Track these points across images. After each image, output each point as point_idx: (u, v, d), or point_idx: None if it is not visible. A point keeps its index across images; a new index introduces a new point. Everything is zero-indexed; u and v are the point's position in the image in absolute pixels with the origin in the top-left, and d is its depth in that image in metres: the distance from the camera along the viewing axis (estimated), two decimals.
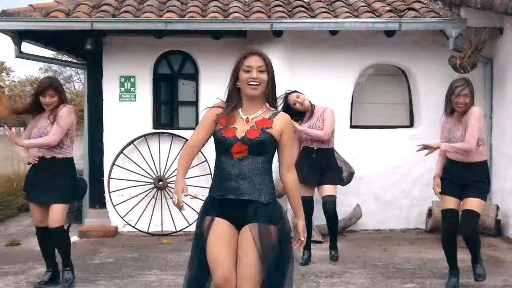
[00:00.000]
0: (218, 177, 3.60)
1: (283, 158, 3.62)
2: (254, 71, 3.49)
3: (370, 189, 8.62)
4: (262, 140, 3.48)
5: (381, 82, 8.99)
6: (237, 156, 3.49)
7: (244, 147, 3.48)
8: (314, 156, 6.68)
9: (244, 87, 3.53)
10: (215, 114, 3.60)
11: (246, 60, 3.55)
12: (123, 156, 8.66)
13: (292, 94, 6.70)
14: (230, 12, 8.28)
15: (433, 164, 8.29)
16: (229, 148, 3.49)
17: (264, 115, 3.55)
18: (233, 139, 3.49)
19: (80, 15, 8.11)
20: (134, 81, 8.70)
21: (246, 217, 3.49)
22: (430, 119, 8.47)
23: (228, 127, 3.52)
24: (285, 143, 3.59)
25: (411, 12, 8.26)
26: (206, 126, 3.61)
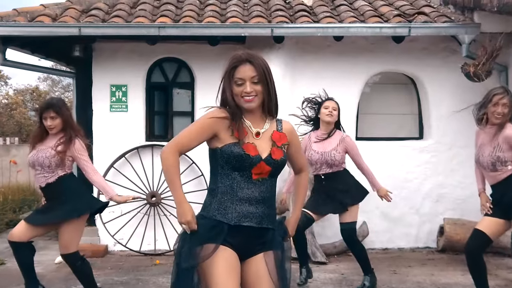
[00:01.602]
0: (229, 198, 3.12)
1: (297, 160, 3.46)
2: (247, 83, 3.11)
3: (377, 206, 7.90)
4: (284, 160, 3.23)
5: (388, 91, 8.65)
6: (256, 177, 3.12)
7: (267, 168, 3.13)
8: (323, 183, 6.11)
9: (239, 101, 3.15)
10: (222, 122, 3.11)
11: (237, 71, 3.13)
12: (114, 170, 8.24)
13: (331, 102, 6.11)
14: (228, 16, 7.86)
15: (443, 178, 8.33)
16: (250, 167, 3.10)
17: (272, 127, 3.24)
18: (256, 158, 3.10)
19: (68, 20, 7.69)
20: (125, 90, 8.31)
21: (257, 246, 3.18)
22: (441, 131, 8.24)
23: (245, 142, 3.10)
24: (296, 149, 3.39)
25: (421, 17, 7.85)
26: (204, 133, 3.13)
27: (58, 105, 5.27)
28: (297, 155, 3.43)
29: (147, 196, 8.18)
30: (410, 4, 8.45)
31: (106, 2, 8.38)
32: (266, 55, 7.66)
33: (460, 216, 7.99)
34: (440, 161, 8.25)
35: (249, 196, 3.11)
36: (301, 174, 3.52)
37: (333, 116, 6.04)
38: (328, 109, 6.04)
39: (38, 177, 5.33)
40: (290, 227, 3.45)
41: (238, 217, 3.09)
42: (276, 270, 3.16)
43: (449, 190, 8.23)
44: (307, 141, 6.14)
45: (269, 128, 3.22)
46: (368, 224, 8.00)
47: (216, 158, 3.15)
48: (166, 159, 3.10)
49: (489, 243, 5.08)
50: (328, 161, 5.99)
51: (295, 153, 3.38)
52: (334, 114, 6.04)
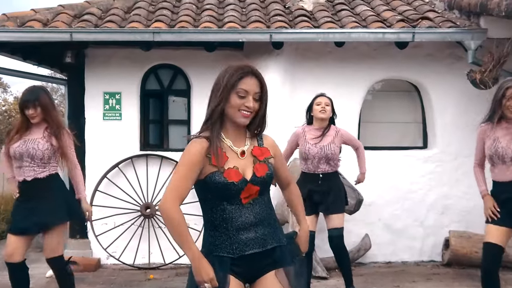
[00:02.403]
0: (224, 231, 2.88)
1: (282, 174, 3.26)
2: (250, 98, 2.90)
3: (380, 217, 8.02)
4: (271, 174, 3.01)
5: (391, 98, 8.44)
6: (247, 201, 2.90)
7: (255, 188, 2.91)
8: (320, 183, 5.88)
9: (234, 113, 2.91)
10: (204, 151, 2.85)
11: (242, 82, 2.88)
12: (107, 180, 7.98)
13: (323, 98, 5.96)
14: (225, 21, 7.60)
15: (449, 189, 8.09)
16: (237, 193, 2.87)
17: (252, 143, 3.02)
18: (241, 182, 2.87)
19: (59, 25, 7.43)
20: (119, 98, 8.10)
21: (267, 266, 2.97)
22: (446, 140, 8.05)
23: (227, 167, 2.86)
24: (281, 163, 3.21)
25: (425, 22, 7.59)
26: (196, 169, 2.85)
27: (38, 93, 5.09)
28: (283, 168, 3.24)
29: (141, 207, 7.92)
30: (413, 9, 8.22)
31: (100, 7, 8.12)
32: (265, 62, 7.61)
33: (466, 228, 7.77)
34: (445, 171, 8.03)
35: (245, 223, 2.88)
36: (289, 188, 3.32)
37: (327, 112, 5.88)
38: (320, 105, 5.87)
39: (25, 169, 5.08)
40: (302, 243, 3.25)
41: (239, 248, 2.88)
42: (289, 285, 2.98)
43: (454, 202, 8.02)
44: (301, 133, 5.94)
45: (250, 145, 3.01)
46: (370, 236, 7.80)
47: (202, 191, 2.92)
48: (169, 213, 2.77)
49: (502, 254, 4.79)
50: (328, 155, 5.82)
51: (280, 167, 3.19)
52: (327, 110, 5.88)
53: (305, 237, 3.27)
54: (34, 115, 5.06)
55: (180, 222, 2.76)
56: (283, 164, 3.25)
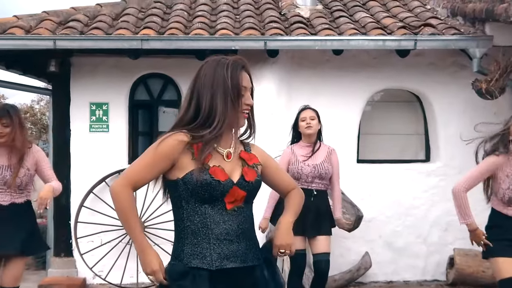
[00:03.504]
0: (204, 238, 2.55)
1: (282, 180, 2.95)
2: (248, 94, 2.67)
3: (380, 234, 7.77)
4: (260, 181, 2.74)
5: (391, 109, 8.21)
6: (231, 206, 2.59)
7: (241, 193, 2.61)
8: (312, 200, 5.51)
9: (238, 116, 2.68)
10: (183, 144, 2.54)
11: (241, 77, 2.63)
12: (93, 196, 7.70)
13: (307, 111, 5.67)
14: (218, 28, 7.33)
15: (453, 205, 7.43)
16: (222, 196, 2.56)
17: (239, 148, 2.76)
18: (227, 183, 2.57)
19: (42, 32, 7.14)
20: (106, 109, 7.85)
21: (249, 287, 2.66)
22: (449, 153, 7.78)
23: (211, 165, 2.56)
24: (276, 170, 2.92)
25: (428, 29, 7.32)
26: (162, 161, 2.55)
27: (10, 112, 4.77)
28: (279, 174, 2.93)
29: None
30: (415, 16, 7.96)
31: (86, 13, 7.83)
32: (259, 71, 7.38)
33: (471, 246, 7.17)
34: (449, 185, 7.29)
35: (227, 231, 2.56)
36: (294, 190, 2.97)
37: (313, 127, 5.59)
38: (305, 121, 5.60)
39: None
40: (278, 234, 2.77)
41: (220, 259, 2.54)
42: None
43: None
44: (290, 154, 5.62)
45: (238, 149, 2.73)
46: (370, 254, 7.54)
47: (178, 192, 2.57)
48: (118, 196, 2.53)
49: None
50: (322, 174, 5.57)
51: (275, 173, 2.89)
52: (313, 125, 5.59)
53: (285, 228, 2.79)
54: (3, 134, 4.73)
55: (128, 207, 2.52)
56: (278, 169, 2.94)
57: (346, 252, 7.43)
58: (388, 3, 8.50)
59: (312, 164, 5.53)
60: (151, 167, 2.54)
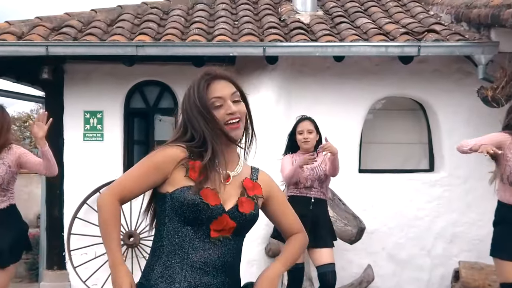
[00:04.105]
0: (178, 261, 2.29)
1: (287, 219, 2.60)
2: (228, 102, 2.38)
3: (383, 246, 7.65)
4: (255, 216, 2.43)
5: (394, 117, 8.11)
6: (216, 235, 2.31)
7: (231, 224, 2.33)
8: (311, 208, 5.41)
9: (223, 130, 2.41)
10: (179, 159, 2.34)
11: (211, 90, 2.39)
12: (87, 207, 7.53)
13: (305, 124, 5.56)
14: (216, 34, 7.17)
15: (458, 216, 7.63)
16: (208, 221, 2.30)
17: (245, 173, 2.47)
18: (217, 209, 2.30)
19: (35, 38, 6.99)
20: (101, 117, 7.74)
21: None
22: (454, 162, 7.64)
23: (203, 186, 2.30)
24: (282, 205, 2.59)
25: (432, 35, 7.17)
26: (154, 175, 2.35)
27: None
28: (284, 210, 2.60)
29: (124, 236, 7.42)
30: (418, 21, 7.81)
31: (80, 19, 7.69)
32: (258, 78, 7.28)
33: (477, 258, 7.31)
34: (454, 196, 7.65)
35: (205, 260, 2.28)
36: (295, 235, 2.60)
37: (311, 142, 5.53)
38: (302, 135, 5.52)
39: None
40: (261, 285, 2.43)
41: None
42: None
43: (464, 229, 7.63)
44: (292, 161, 5.53)
45: (242, 173, 2.45)
46: (373, 267, 7.41)
47: (164, 207, 2.35)
48: (101, 208, 2.34)
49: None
50: (321, 176, 5.49)
51: (279, 208, 2.57)
52: (311, 139, 5.51)
53: (271, 278, 2.44)
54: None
55: (109, 219, 2.32)
56: (284, 206, 2.61)
57: (347, 264, 7.29)
58: (390, 9, 8.36)
59: (310, 167, 5.45)
60: (142, 178, 2.35)
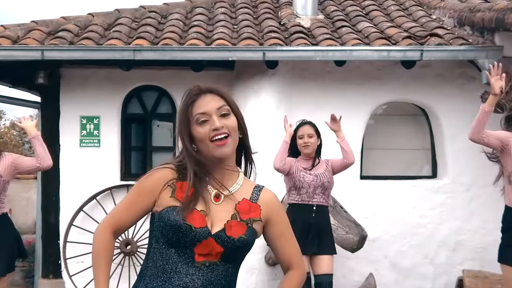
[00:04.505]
0: (159, 285, 2.17)
1: (284, 249, 2.38)
2: (213, 117, 2.22)
3: (385, 255, 7.53)
4: (247, 241, 2.22)
5: (396, 123, 7.99)
6: (201, 260, 2.16)
7: (217, 248, 2.17)
8: (313, 216, 5.36)
9: (206, 148, 2.24)
10: (166, 180, 2.24)
11: (196, 106, 2.25)
12: (83, 214, 7.43)
13: (306, 128, 5.54)
14: (214, 39, 7.04)
15: (461, 223, 7.50)
16: (191, 244, 2.16)
17: (244, 192, 2.29)
18: (201, 232, 2.16)
19: (30, 42, 6.88)
20: (98, 123, 7.64)
21: None
22: (457, 169, 7.56)
23: (190, 207, 2.17)
24: (281, 233, 2.36)
25: (434, 39, 7.04)
26: (142, 198, 2.26)
27: None
28: (283, 241, 2.37)
29: (121, 244, 7.30)
30: (420, 25, 7.66)
31: (77, 23, 7.58)
32: (258, 83, 7.17)
33: (481, 267, 7.21)
34: (457, 203, 7.52)
35: (186, 286, 2.14)
36: (289, 273, 2.40)
37: (311, 146, 5.50)
38: (303, 139, 5.48)
39: None
40: None
41: None
42: None
43: (468, 237, 7.50)
44: (293, 161, 5.49)
45: (239, 193, 2.28)
46: (375, 275, 7.21)
47: (153, 227, 2.25)
48: (96, 239, 2.27)
49: None
50: (324, 184, 5.46)
51: (279, 237, 2.35)
52: (311, 143, 5.47)
53: None
54: None
55: (98, 251, 2.25)
56: (285, 234, 2.38)
57: (349, 273, 7.20)
58: (391, 13, 8.23)
59: (314, 173, 5.43)
60: (133, 207, 2.27)
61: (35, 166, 5.10)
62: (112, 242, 2.27)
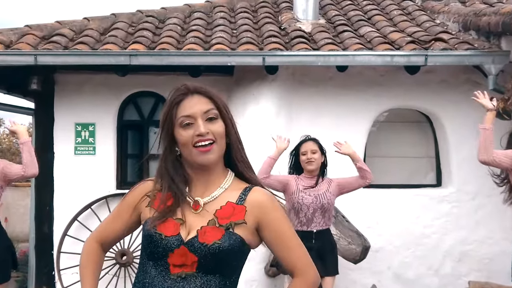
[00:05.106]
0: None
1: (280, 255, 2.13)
2: (199, 121, 2.07)
3: (389, 265, 7.42)
4: (224, 248, 1.99)
5: (400, 130, 7.88)
6: (176, 271, 1.99)
7: (191, 257, 1.99)
8: (314, 242, 5.19)
9: (189, 153, 2.09)
10: (143, 192, 2.15)
11: (181, 107, 2.10)
12: (78, 224, 7.29)
13: (309, 144, 5.34)
14: (213, 43, 6.91)
15: (467, 233, 7.34)
16: (165, 255, 2.01)
17: (229, 195, 2.09)
18: (172, 240, 2.01)
19: (23, 47, 6.76)
20: (93, 130, 7.55)
21: None
22: (463, 177, 7.44)
23: (167, 216, 2.04)
24: (277, 237, 2.10)
25: (439, 44, 6.91)
26: (124, 211, 2.21)
27: None
28: (282, 244, 2.11)
29: (116, 255, 7.15)
30: (424, 30, 7.55)
31: (72, 28, 7.45)
32: (257, 89, 7.03)
33: (487, 278, 7.08)
34: (463, 212, 7.39)
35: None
36: (293, 282, 2.14)
37: (315, 162, 5.30)
38: (306, 156, 5.28)
39: None
40: None
41: None
42: None
43: (474, 248, 7.38)
44: (293, 180, 5.31)
45: (224, 195, 2.10)
46: (378, 287, 7.17)
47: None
48: (82, 251, 2.28)
49: None
50: (324, 206, 5.25)
51: (276, 240, 2.10)
52: (315, 159, 5.27)
53: None
54: None
55: (84, 263, 2.24)
56: (281, 238, 2.11)
57: (351, 285, 7.08)
58: (394, 18, 8.10)
59: (313, 194, 5.23)
60: (117, 219, 2.23)
61: (19, 174, 4.99)
62: (99, 253, 2.24)
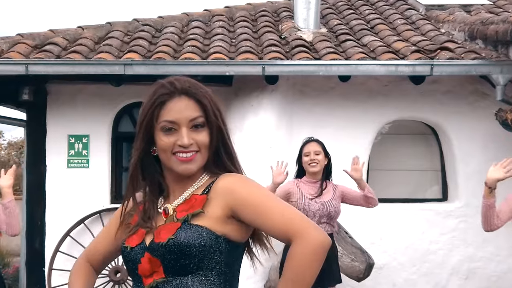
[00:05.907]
0: None
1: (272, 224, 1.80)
2: (183, 130, 1.88)
3: (394, 283, 7.25)
4: (181, 243, 1.80)
5: (405, 143, 7.73)
6: (149, 282, 1.85)
7: (155, 262, 1.84)
8: None
9: (167, 160, 1.90)
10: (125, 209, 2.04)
11: (165, 109, 1.88)
12: (70, 239, 7.08)
13: (312, 145, 5.18)
14: (211, 52, 6.72)
15: (474, 250, 7.11)
16: (134, 268, 1.89)
17: (197, 190, 1.92)
18: (138, 248, 1.89)
19: (14, 56, 6.56)
20: (87, 142, 7.36)
21: None
22: (470, 191, 7.20)
23: (138, 227, 1.93)
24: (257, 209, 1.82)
25: (445, 53, 6.74)
26: (113, 228, 2.06)
27: None
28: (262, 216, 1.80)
29: (110, 272, 6.91)
30: (429, 39, 7.36)
31: (66, 36, 7.27)
32: (257, 99, 6.88)
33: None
34: (470, 228, 7.14)
35: None
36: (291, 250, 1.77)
37: (318, 164, 5.13)
38: (309, 157, 5.11)
39: None
40: None
41: None
42: None
43: (481, 265, 7.18)
44: (294, 188, 5.12)
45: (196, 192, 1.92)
46: None
47: None
48: (72, 269, 2.14)
49: None
50: (331, 213, 5.12)
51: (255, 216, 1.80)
52: (319, 161, 5.10)
53: None
54: None
55: (71, 281, 2.10)
56: (262, 208, 1.81)
57: None
58: (398, 27, 7.92)
59: (320, 201, 5.06)
60: (106, 234, 2.11)
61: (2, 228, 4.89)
62: (87, 270, 2.11)
